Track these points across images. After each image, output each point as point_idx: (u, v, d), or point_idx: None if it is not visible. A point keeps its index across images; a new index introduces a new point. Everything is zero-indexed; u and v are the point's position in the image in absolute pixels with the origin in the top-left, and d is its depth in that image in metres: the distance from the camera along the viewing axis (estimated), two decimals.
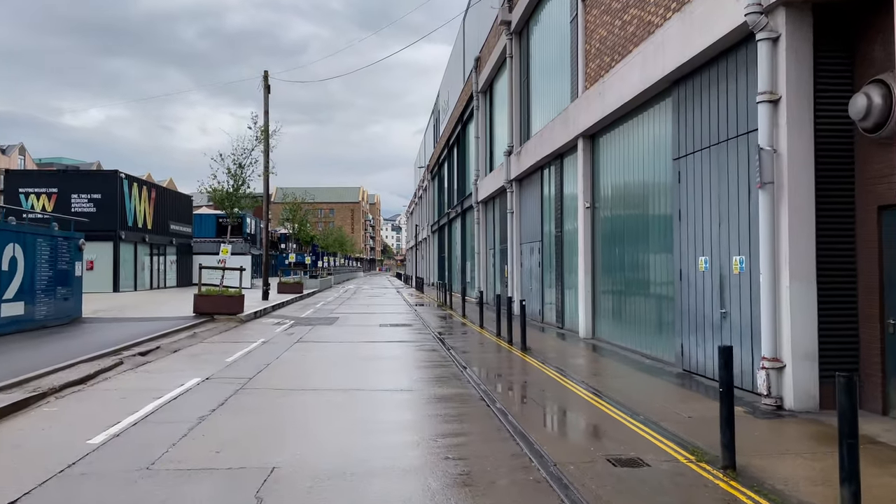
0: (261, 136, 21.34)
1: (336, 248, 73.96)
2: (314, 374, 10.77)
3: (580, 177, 15.68)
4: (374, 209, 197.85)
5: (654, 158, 12.16)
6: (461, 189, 38.96)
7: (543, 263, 20.08)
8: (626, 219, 13.52)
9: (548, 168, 19.56)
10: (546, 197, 19.81)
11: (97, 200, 32.28)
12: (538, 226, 20.62)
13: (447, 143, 45.23)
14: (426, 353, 13.26)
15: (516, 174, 22.44)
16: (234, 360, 12.11)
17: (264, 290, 28.96)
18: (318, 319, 21.34)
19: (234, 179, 20.78)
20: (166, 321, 18.23)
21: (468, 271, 36.54)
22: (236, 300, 20.34)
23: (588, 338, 15.38)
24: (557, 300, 18.27)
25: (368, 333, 17.23)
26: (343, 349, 14.12)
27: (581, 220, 15.65)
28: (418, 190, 73.95)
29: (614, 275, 14.18)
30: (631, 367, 11.19)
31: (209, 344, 14.66)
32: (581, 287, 15.63)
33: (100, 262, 32.36)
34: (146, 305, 24.34)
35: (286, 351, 13.54)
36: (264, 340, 15.34)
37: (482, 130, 30.78)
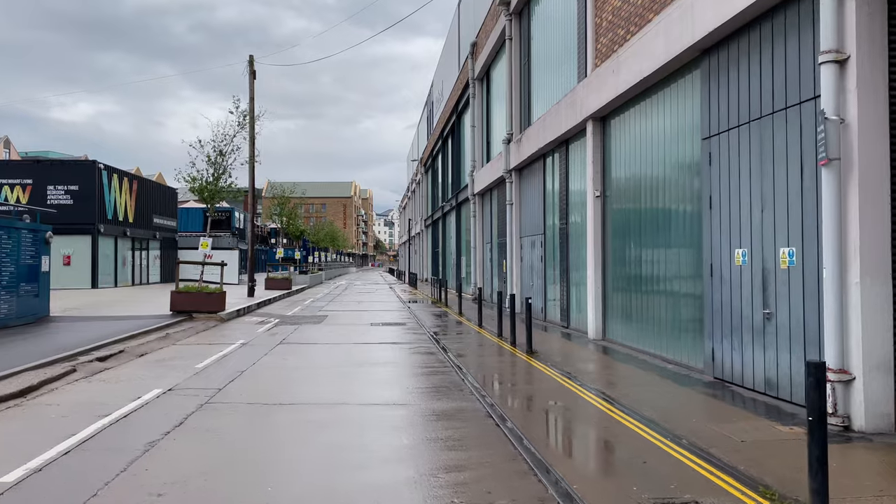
0: (243, 122, 19.90)
1: (327, 242, 72.50)
2: (295, 384, 9.42)
3: (589, 163, 14.36)
4: (367, 204, 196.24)
5: (677, 139, 10.85)
6: (456, 181, 37.62)
7: (546, 258, 18.78)
8: (643, 208, 12.22)
9: (551, 156, 18.24)
10: (549, 187, 18.50)
11: (74, 192, 30.75)
12: (540, 218, 19.31)
13: (441, 135, 43.86)
14: (422, 357, 11.94)
15: (516, 163, 21.12)
16: (205, 367, 10.75)
17: (250, 286, 27.56)
18: (305, 318, 19.98)
19: (214, 168, 19.34)
20: (139, 320, 16.84)
21: (463, 266, 35.23)
22: (217, 297, 18.96)
23: (598, 339, 14.09)
24: (562, 297, 16.97)
25: (358, 334, 15.90)
26: (330, 352, 12.79)
27: (590, 210, 14.35)
28: (411, 184, 72.54)
29: (629, 270, 12.89)
30: (653, 374, 9.89)
31: (181, 347, 13.29)
32: (590, 284, 14.33)
33: (77, 256, 30.87)
34: (123, 303, 22.91)
35: (266, 355, 12.19)
36: (244, 342, 13.98)
37: (478, 119, 29.43)
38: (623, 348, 12.67)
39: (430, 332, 15.87)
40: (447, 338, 14.84)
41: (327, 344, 13.92)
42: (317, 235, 65.62)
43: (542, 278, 19.08)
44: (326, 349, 13.17)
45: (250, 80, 27.82)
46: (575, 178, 16.12)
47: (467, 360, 11.39)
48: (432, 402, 8.12)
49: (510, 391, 8.94)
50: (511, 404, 8.06)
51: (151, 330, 14.99)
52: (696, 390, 8.71)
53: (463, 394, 8.62)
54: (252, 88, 27.71)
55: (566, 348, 13.11)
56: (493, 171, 25.06)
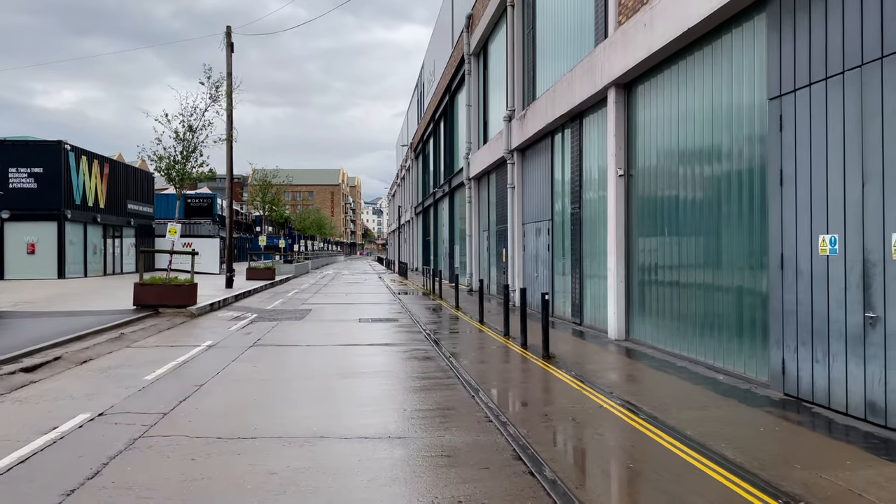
0: (216, 94, 17.79)
1: (314, 230, 70.29)
2: (261, 406, 7.49)
3: (611, 138, 12.47)
4: (355, 192, 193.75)
5: (730, 103, 8.97)
6: (449, 166, 35.64)
7: (554, 246, 16.91)
8: (681, 187, 10.34)
9: (560, 133, 16.33)
10: (558, 167, 16.60)
11: (38, 175, 28.50)
12: (546, 202, 17.42)
13: (433, 117, 41.81)
14: (420, 365, 10.04)
15: (519, 142, 19.19)
16: (156, 378, 8.81)
17: (228, 276, 25.55)
18: (287, 313, 18.03)
19: (183, 145, 17.24)
20: (96, 316, 14.83)
21: (457, 256, 33.34)
22: (186, 290, 16.95)
23: (620, 339, 12.25)
24: (574, 291, 15.12)
25: (345, 333, 13.99)
26: (311, 358, 10.87)
27: (612, 192, 12.46)
28: (401, 170, 70.43)
29: (661, 260, 11.03)
30: (706, 390, 8.06)
31: (135, 350, 11.32)
32: (612, 275, 12.47)
33: (42, 244, 28.69)
34: (85, 295, 20.83)
35: (235, 361, 10.26)
36: (211, 343, 12.03)
37: (474, 97, 27.44)
38: (654, 352, 10.83)
39: (426, 331, 13.98)
40: (446, 337, 12.97)
41: (308, 346, 11.99)
42: (303, 223, 63.38)
43: (549, 269, 17.22)
44: (307, 353, 11.25)
45: (227, 54, 25.70)
46: (591, 155, 14.22)
47: (474, 369, 9.51)
48: (439, 435, 6.22)
49: (537, 416, 7.06)
50: (543, 438, 6.18)
51: (105, 329, 12.99)
52: (770, 413, 6.87)
53: (476, 419, 6.73)
54: (230, 63, 25.60)
55: (586, 352, 11.26)
56: (492, 153, 23.13)
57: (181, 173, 17.26)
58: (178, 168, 17.21)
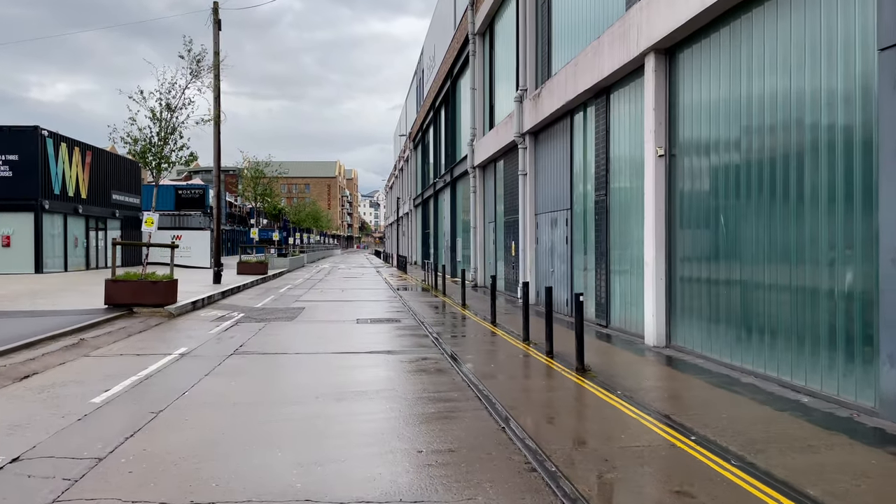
0: (196, 69, 15.99)
1: (310, 223, 68.48)
2: (231, 446, 5.78)
3: (650, 113, 10.75)
4: (352, 185, 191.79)
5: (819, 58, 7.26)
6: (451, 154, 33.88)
7: (573, 238, 15.21)
8: (743, 164, 8.64)
9: (582, 111, 14.61)
10: (579, 150, 14.89)
11: (13, 163, 26.68)
12: (565, 189, 15.71)
13: (433, 104, 40.01)
14: (430, 380, 8.35)
15: (532, 125, 17.46)
16: (106, 401, 7.10)
17: (215, 271, 23.80)
18: (277, 312, 16.32)
19: (160, 126, 15.44)
20: (60, 317, 13.12)
21: (460, 249, 31.63)
22: (165, 287, 15.20)
23: (660, 346, 10.57)
24: (598, 288, 13.43)
25: (341, 336, 12.29)
26: (299, 371, 9.17)
27: (650, 175, 10.76)
28: (399, 161, 68.59)
29: (715, 252, 9.34)
30: (796, 417, 6.37)
31: (93, 361, 9.59)
32: (649, 271, 10.78)
33: (18, 237, 26.90)
34: (57, 292, 19.08)
35: (208, 375, 8.55)
36: (185, 351, 10.32)
37: (479, 80, 25.67)
38: (706, 362, 9.15)
39: (433, 334, 12.28)
40: (456, 343, 11.27)
41: (298, 354, 10.28)
42: (298, 215, 61.54)
43: (568, 263, 15.53)
44: (295, 364, 9.54)
45: (214, 32, 23.90)
46: (621, 135, 12.51)
47: (497, 386, 7.82)
48: (469, 497, 4.51)
49: (596, 462, 5.35)
50: (616, 501, 4.48)
51: (63, 333, 11.27)
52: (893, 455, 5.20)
53: (516, 468, 5.04)
54: (217, 41, 23.80)
55: (624, 363, 9.56)
56: (500, 138, 21.40)
57: (158, 157, 15.48)
58: (154, 151, 15.42)
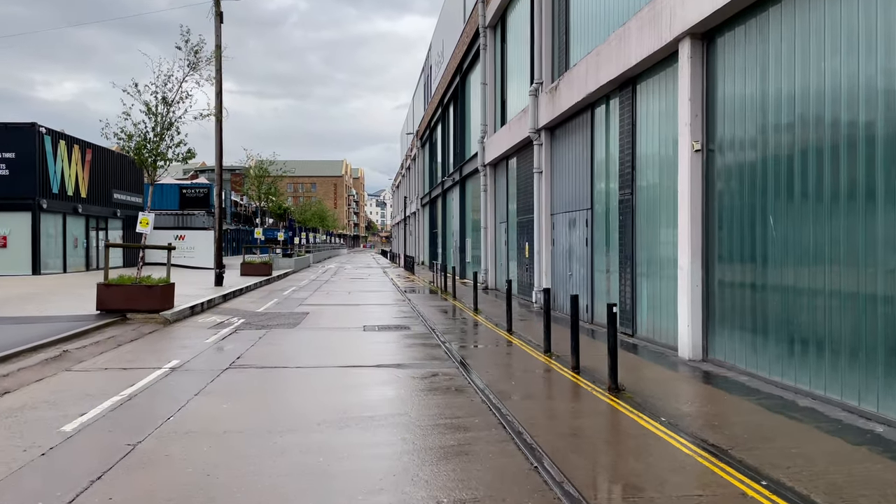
0: (195, 61, 15.12)
1: (316, 223, 67.69)
2: (216, 489, 4.89)
3: (685, 104, 9.81)
4: (358, 184, 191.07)
5: (892, 38, 6.32)
6: (460, 153, 32.97)
7: (594, 240, 14.28)
8: (797, 161, 7.69)
9: (603, 104, 13.68)
10: (600, 146, 13.96)
11: (10, 161, 25.91)
12: (584, 188, 14.79)
13: (441, 101, 39.10)
14: (447, 402, 7.44)
15: (548, 120, 16.54)
16: (78, 429, 6.23)
17: (217, 273, 22.96)
18: (279, 317, 15.45)
19: (155, 121, 14.57)
20: (47, 324, 12.28)
21: (469, 250, 30.73)
22: (160, 292, 14.35)
23: (696, 359, 9.64)
24: (623, 294, 12.50)
25: (346, 346, 11.41)
26: (299, 389, 8.29)
27: (685, 171, 9.82)
28: (406, 160, 67.68)
29: (762, 255, 8.40)
30: (878, 454, 5.44)
31: (73, 376, 8.73)
32: (683, 276, 9.85)
33: (15, 237, 26.14)
34: (50, 296, 18.27)
35: (199, 395, 7.67)
36: (177, 365, 9.45)
37: (490, 75, 24.75)
38: (751, 380, 8.21)
39: (445, 344, 11.38)
40: (472, 354, 10.36)
41: (299, 369, 9.39)
42: (303, 215, 60.73)
43: (587, 266, 14.60)
44: (296, 381, 8.65)
45: (216, 25, 23.04)
46: (649, 129, 11.58)
47: (522, 411, 6.91)
48: None
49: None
50: None
51: (47, 344, 10.41)
52: None
53: None
54: (219, 35, 22.95)
55: (659, 380, 8.63)
56: (512, 135, 20.49)
57: (154, 153, 14.61)
58: (150, 148, 14.55)
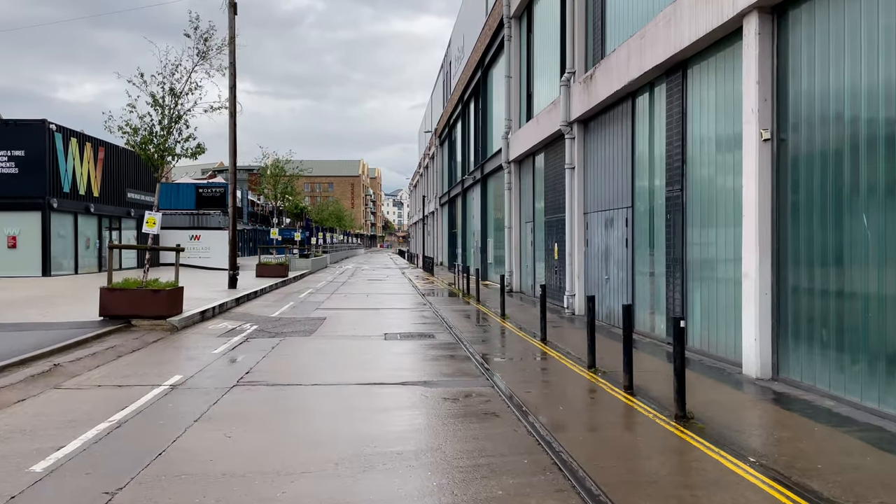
0: (204, 49, 14.16)
1: (333, 222, 66.85)
2: None
3: (751, 87, 8.64)
4: (375, 183, 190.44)
5: None
6: (481, 150, 31.86)
7: (634, 241, 13.12)
8: (895, 149, 6.52)
9: (648, 92, 12.52)
10: (642, 139, 12.80)
11: (19, 159, 25.17)
12: (623, 184, 13.63)
13: (462, 97, 38.01)
14: (484, 432, 6.35)
15: (582, 111, 15.38)
16: (48, 470, 5.22)
17: (231, 275, 22.05)
18: (294, 323, 14.44)
19: (162, 113, 13.61)
20: (45, 331, 11.36)
21: (490, 250, 29.61)
22: (168, 296, 13.38)
23: (764, 378, 8.46)
24: (671, 300, 11.33)
25: (366, 357, 10.35)
26: (313, 414, 7.24)
27: (752, 163, 8.65)
28: (423, 158, 66.70)
29: (849, 259, 7.22)
30: None
31: (62, 395, 7.74)
32: (750, 283, 8.67)
33: (25, 237, 25.41)
34: (56, 299, 17.40)
35: (199, 421, 6.65)
36: (178, 381, 8.44)
37: (515, 68, 23.61)
38: (841, 406, 7.03)
39: (476, 356, 10.28)
40: (507, 369, 9.25)
41: (315, 386, 8.34)
42: (320, 214, 59.89)
43: (627, 270, 13.44)
44: (309, 403, 7.60)
45: (230, 16, 22.12)
46: (702, 117, 10.41)
47: (580, 447, 5.80)
48: None
49: None
50: None
51: (40, 356, 9.44)
52: None
53: None
54: (232, 27, 22.02)
55: (729, 404, 7.46)
56: (540, 129, 19.35)
57: (161, 148, 13.65)
58: (157, 142, 13.59)
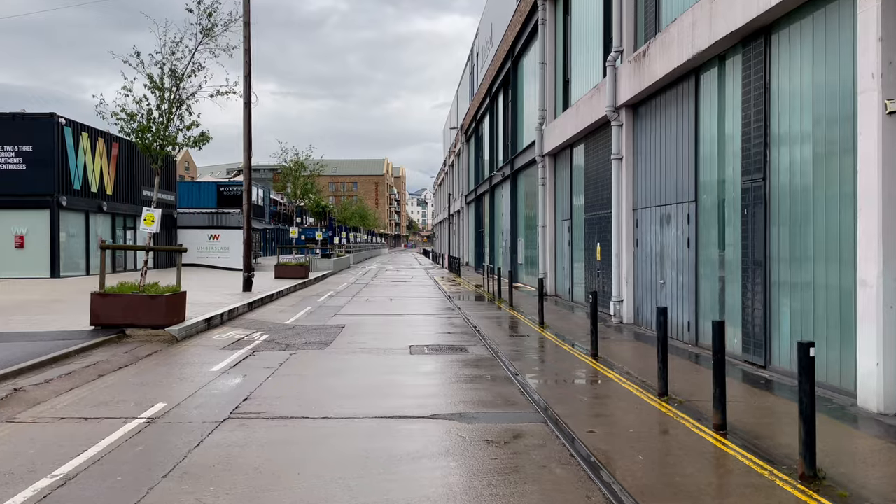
0: (208, 27, 12.65)
1: (356, 222, 65.51)
2: None
3: (869, 45, 6.86)
4: (399, 183, 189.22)
5: None
6: (511, 144, 30.14)
7: (699, 240, 11.35)
8: None
9: (717, 66, 10.74)
10: (711, 120, 11.02)
11: (27, 154, 24.00)
12: (685, 175, 11.87)
13: (490, 90, 36.29)
14: (545, 497, 4.68)
15: (633, 94, 13.63)
16: None
17: (246, 276, 20.61)
18: (309, 332, 12.89)
19: (161, 97, 12.14)
20: (26, 342, 9.94)
21: (521, 250, 27.88)
22: (166, 303, 11.88)
23: (890, 414, 6.68)
24: (749, 311, 9.55)
25: (389, 381, 8.73)
26: (319, 466, 5.63)
27: (872, 142, 6.86)
28: (449, 156, 65.04)
29: None
30: None
31: (9, 434, 6.21)
32: (869, 295, 6.88)
33: (33, 237, 24.24)
34: (49, 304, 16.05)
35: (168, 476, 5.07)
36: (157, 413, 6.89)
37: (550, 53, 21.86)
38: None
39: (518, 378, 8.61)
40: (561, 398, 7.56)
41: (324, 420, 6.72)
42: (343, 213, 58.54)
43: (689, 273, 11.67)
44: (315, 447, 5.97)
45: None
46: (792, 90, 8.61)
47: None
48: None
49: None
50: None
51: (3, 375, 7.97)
52: None
53: None
54: (247, 10, 20.55)
55: (862, 454, 5.70)
56: (579, 118, 17.62)
57: (160, 137, 12.18)
58: (155, 130, 12.11)
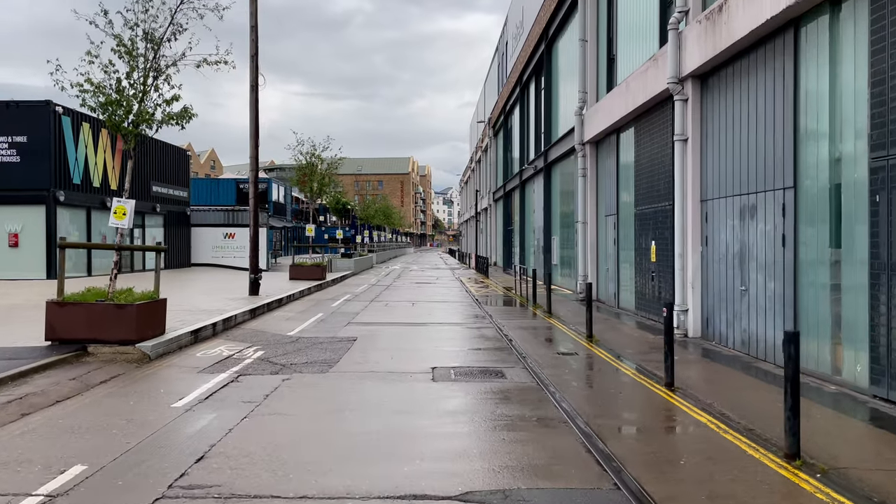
0: None
1: (381, 220, 63.54)
2: None
3: None
4: (425, 181, 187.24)
5: None
6: (544, 135, 27.79)
7: (799, 237, 8.97)
8: None
9: (826, 13, 8.35)
10: (819, 82, 8.63)
11: (21, 146, 22.24)
12: (778, 154, 9.48)
13: (520, 79, 33.95)
14: None
15: (702, 62, 11.26)
16: None
17: (252, 279, 18.56)
18: (313, 348, 10.75)
19: (132, 65, 10.06)
20: None
21: (556, 250, 25.53)
22: (137, 313, 9.78)
23: None
24: (880, 330, 7.17)
25: (402, 424, 6.51)
26: None
27: None
28: (476, 152, 62.72)
29: None
30: None
31: None
32: None
33: (28, 235, 22.49)
34: (19, 312, 14.05)
35: None
36: (64, 487, 4.77)
37: (592, 29, 19.50)
38: None
39: (576, 420, 6.34)
40: (641, 456, 5.29)
41: (298, 501, 4.54)
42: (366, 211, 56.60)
43: (784, 279, 9.29)
44: None
45: None
46: None
47: None
48: None
49: None
50: None
51: None
52: None
53: None
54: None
55: None
56: (630, 97, 15.27)
57: (130, 111, 10.12)
58: (126, 105, 10.06)
